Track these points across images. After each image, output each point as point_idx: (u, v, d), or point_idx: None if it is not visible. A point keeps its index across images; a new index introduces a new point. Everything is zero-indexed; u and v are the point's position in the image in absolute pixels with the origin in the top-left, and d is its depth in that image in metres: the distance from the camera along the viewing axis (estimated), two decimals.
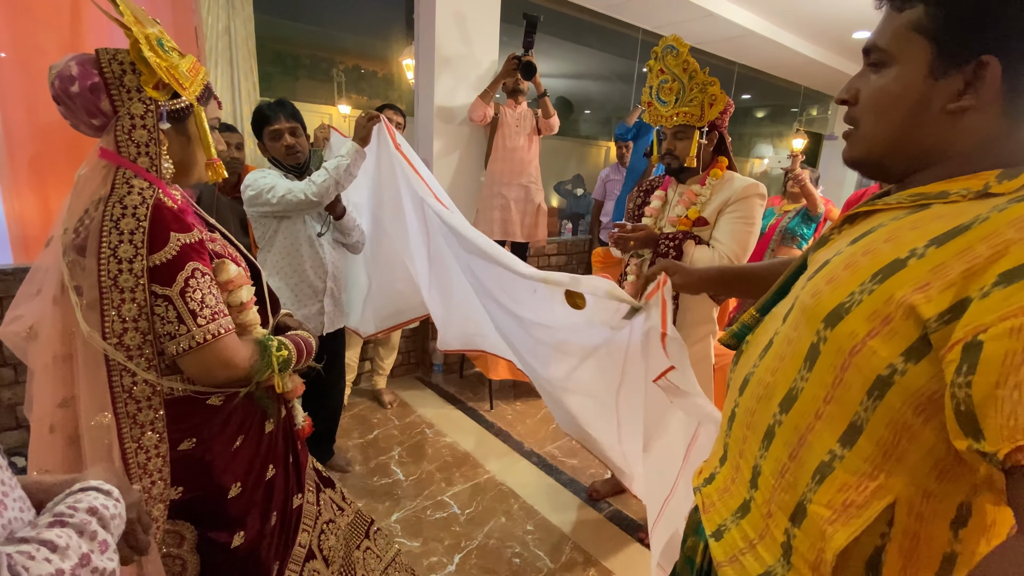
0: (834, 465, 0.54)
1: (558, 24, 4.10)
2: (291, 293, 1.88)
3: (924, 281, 0.48)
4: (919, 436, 0.50)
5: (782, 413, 0.60)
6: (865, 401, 0.52)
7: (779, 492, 0.60)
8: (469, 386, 3.17)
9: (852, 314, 0.53)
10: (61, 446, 0.83)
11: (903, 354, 0.49)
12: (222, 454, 0.94)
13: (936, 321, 0.47)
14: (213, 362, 0.87)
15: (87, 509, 0.50)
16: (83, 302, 0.79)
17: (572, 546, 1.88)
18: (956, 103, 0.53)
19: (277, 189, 1.72)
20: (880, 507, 0.51)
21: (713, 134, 1.68)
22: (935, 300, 0.47)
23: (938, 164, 0.56)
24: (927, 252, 0.49)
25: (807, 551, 0.56)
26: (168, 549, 0.91)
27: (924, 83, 0.54)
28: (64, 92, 0.81)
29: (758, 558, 0.61)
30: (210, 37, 2.42)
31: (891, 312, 0.50)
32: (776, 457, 0.61)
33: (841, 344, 0.53)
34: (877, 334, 0.50)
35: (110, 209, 0.79)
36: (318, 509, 1.18)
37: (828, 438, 0.55)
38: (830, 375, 0.55)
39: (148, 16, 0.86)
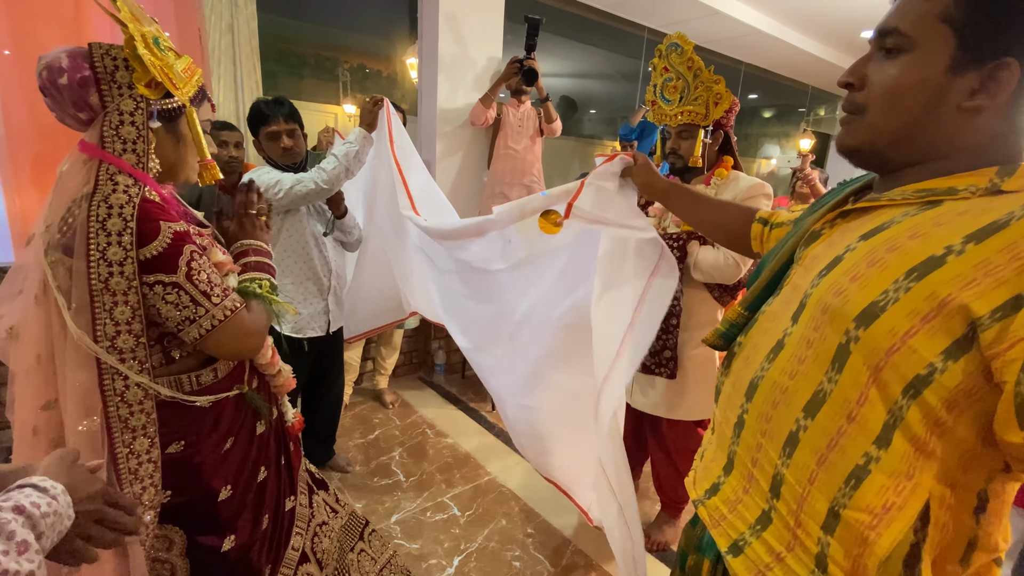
0: (870, 468, 0.53)
1: (563, 23, 4.08)
2: (297, 291, 1.86)
3: (970, 278, 0.48)
4: (951, 431, 0.51)
5: (807, 418, 0.58)
6: (900, 400, 0.52)
7: (809, 501, 0.58)
8: (471, 386, 3.16)
9: (889, 312, 0.52)
10: (44, 449, 0.81)
11: (943, 352, 0.49)
12: (212, 457, 0.92)
13: (989, 318, 0.46)
14: (239, 334, 0.88)
15: (13, 507, 0.48)
16: (71, 304, 0.78)
17: (573, 550, 1.86)
18: (971, 102, 0.53)
19: (284, 182, 1.69)
20: (919, 506, 0.52)
21: (718, 133, 1.65)
22: (987, 297, 0.47)
23: (938, 160, 0.56)
24: (966, 248, 0.49)
25: (843, 559, 0.55)
26: (157, 554, 0.90)
27: (944, 77, 0.53)
28: (51, 83, 0.80)
29: (788, 571, 0.59)
30: (213, 35, 2.41)
31: (933, 310, 0.49)
32: (802, 464, 0.59)
33: (878, 344, 0.52)
34: (917, 332, 0.50)
35: (95, 208, 0.78)
36: (311, 511, 1.16)
37: (863, 441, 0.54)
38: (864, 375, 0.54)
39: (147, 15, 0.85)
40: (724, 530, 0.67)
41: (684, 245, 1.63)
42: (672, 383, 1.70)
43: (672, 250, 1.63)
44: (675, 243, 1.63)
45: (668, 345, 1.66)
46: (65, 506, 0.53)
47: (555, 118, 2.95)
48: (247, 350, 0.93)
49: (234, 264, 0.98)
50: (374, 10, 3.87)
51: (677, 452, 1.81)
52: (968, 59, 0.52)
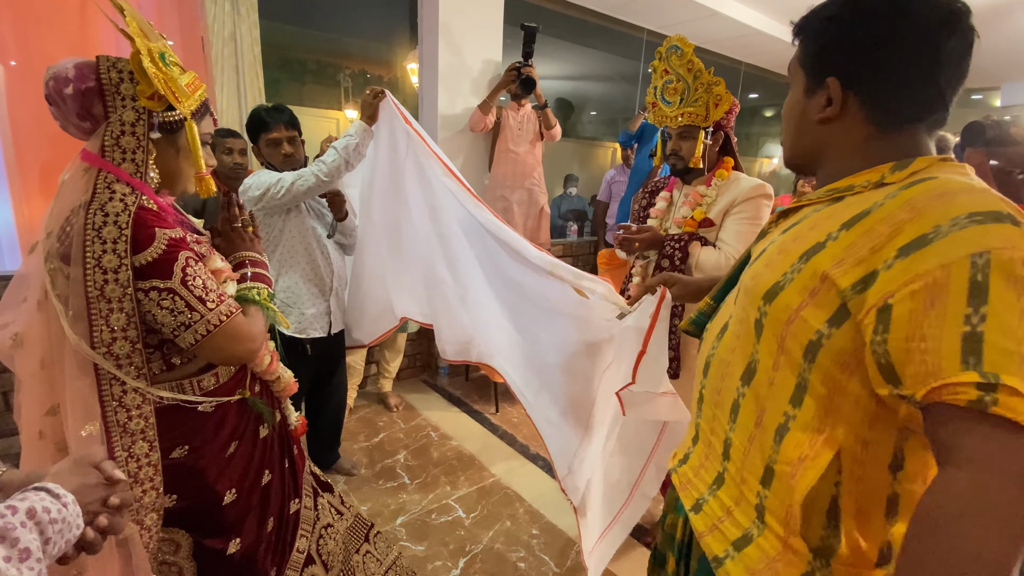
0: (789, 426, 0.62)
1: (562, 26, 4.09)
2: (301, 291, 1.87)
3: (840, 258, 0.57)
4: (846, 390, 0.58)
5: (744, 386, 0.68)
6: (803, 364, 0.60)
7: (749, 459, 0.67)
8: (475, 389, 3.16)
9: (785, 290, 0.62)
10: (51, 452, 0.83)
11: (828, 321, 0.58)
12: (215, 461, 0.93)
13: (851, 290, 0.55)
14: (234, 339, 0.89)
15: (26, 511, 0.49)
16: (69, 311, 0.79)
17: (578, 550, 1.86)
18: (821, 115, 0.66)
19: (284, 180, 1.70)
20: (829, 456, 0.59)
21: (718, 134, 1.65)
22: (849, 273, 0.56)
23: (829, 163, 0.68)
24: (839, 235, 0.59)
25: (778, 508, 0.63)
26: (164, 557, 0.91)
27: (803, 100, 0.69)
28: (57, 93, 0.81)
29: (735, 523, 0.68)
30: (216, 44, 2.44)
31: (816, 286, 0.59)
32: (744, 427, 0.68)
33: (778, 316, 0.63)
34: (807, 305, 0.60)
35: (91, 216, 0.79)
36: (316, 514, 1.17)
37: (782, 401, 0.63)
38: (774, 344, 0.64)
39: (156, 31, 0.87)
40: (690, 492, 0.76)
41: (686, 246, 1.63)
42: (675, 383, 1.70)
43: (674, 251, 1.64)
44: (677, 244, 1.64)
45: (671, 345, 1.66)
46: (74, 515, 0.54)
47: (554, 124, 2.96)
48: (244, 355, 0.93)
49: (233, 273, 1.00)
50: (375, 16, 3.90)
51: None
52: (813, 84, 0.67)
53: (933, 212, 0.52)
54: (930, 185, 0.56)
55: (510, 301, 1.80)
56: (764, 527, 0.65)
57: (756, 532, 0.65)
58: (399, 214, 1.98)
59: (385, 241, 2.05)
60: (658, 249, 1.68)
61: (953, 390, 0.47)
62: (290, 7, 3.41)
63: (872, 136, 0.64)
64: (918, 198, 0.55)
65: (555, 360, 1.71)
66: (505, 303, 1.82)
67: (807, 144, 0.70)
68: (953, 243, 0.50)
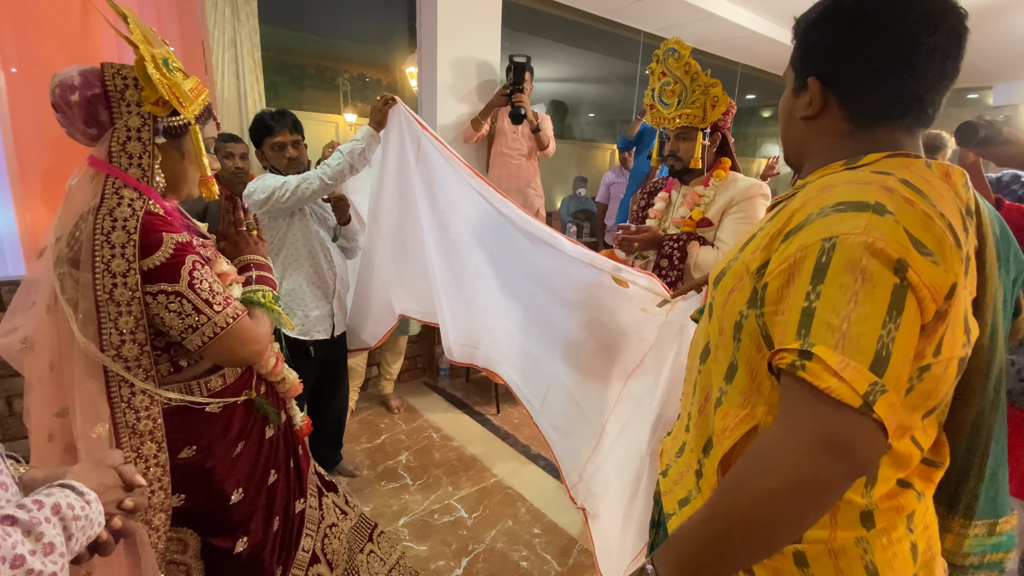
0: (722, 400, 0.67)
1: (559, 29, 4.11)
2: (304, 293, 1.89)
3: (756, 246, 0.63)
4: (761, 368, 0.62)
5: (701, 363, 0.74)
6: (733, 344, 0.65)
7: (697, 429, 0.73)
8: (476, 390, 3.17)
9: (726, 276, 0.68)
10: (60, 453, 0.84)
11: (747, 303, 0.63)
12: (223, 461, 0.94)
13: (756, 274, 0.61)
14: (240, 341, 0.90)
15: (52, 506, 0.50)
16: (78, 315, 0.80)
17: (580, 549, 1.87)
18: (804, 112, 0.69)
19: (289, 183, 1.72)
20: (744, 429, 0.63)
21: (716, 135, 1.67)
22: (757, 259, 0.62)
23: (810, 159, 0.72)
24: (765, 225, 0.65)
25: (710, 475, 0.68)
26: (172, 556, 0.92)
27: (792, 99, 0.72)
28: (63, 100, 0.83)
29: (683, 487, 0.75)
30: (216, 49, 2.45)
31: (741, 271, 0.64)
32: (697, 402, 0.74)
33: (720, 299, 0.68)
34: (736, 289, 0.65)
35: (100, 221, 0.81)
36: (321, 513, 1.18)
37: (718, 376, 0.68)
38: (716, 325, 0.69)
39: (158, 37, 0.88)
40: (664, 459, 0.84)
41: (684, 246, 1.65)
42: None
43: (673, 251, 1.65)
44: (675, 244, 1.65)
45: None
46: (96, 513, 0.56)
47: (547, 144, 2.99)
48: (250, 356, 0.95)
49: (238, 276, 1.01)
50: (373, 20, 3.91)
51: None
52: (799, 84, 0.70)
53: (815, 202, 0.58)
54: (824, 180, 0.62)
55: (530, 300, 1.79)
56: (698, 491, 0.71)
57: (695, 494, 0.71)
58: (406, 219, 1.98)
59: (391, 245, 2.06)
60: (657, 249, 1.70)
61: (781, 355, 0.53)
62: (289, 12, 3.43)
63: (847, 133, 0.67)
64: (811, 190, 0.61)
65: (571, 365, 1.70)
66: (522, 304, 1.82)
67: (794, 141, 0.74)
68: (814, 229, 0.55)
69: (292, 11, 3.47)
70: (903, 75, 0.62)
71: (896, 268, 0.50)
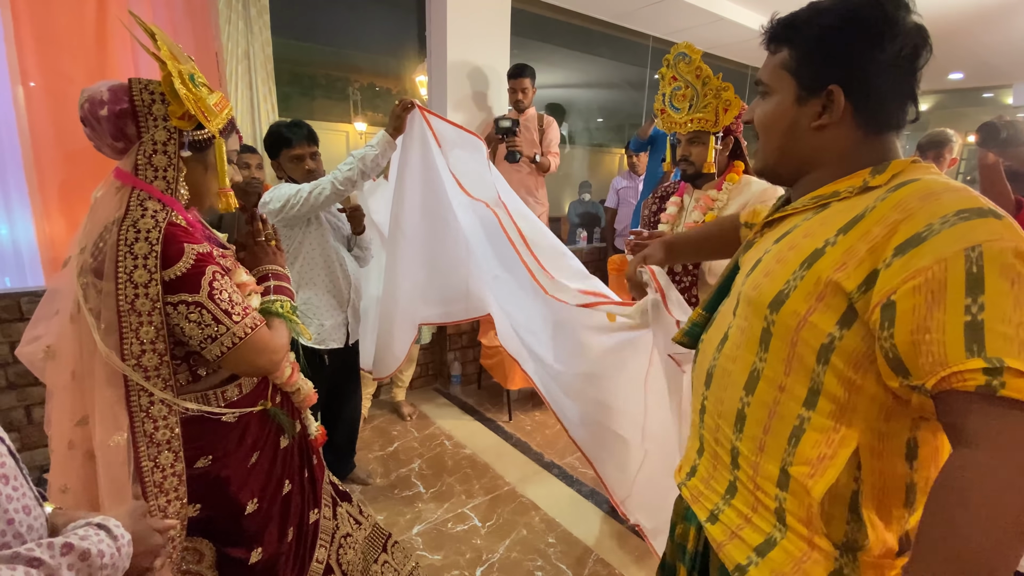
0: (804, 427, 0.63)
1: (568, 35, 4.12)
2: (320, 303, 1.89)
3: (841, 262, 0.60)
4: (862, 388, 0.60)
5: (748, 395, 0.69)
6: (816, 367, 0.62)
7: (762, 465, 0.67)
8: (487, 397, 3.16)
9: (791, 298, 0.64)
10: (81, 461, 0.84)
11: (837, 323, 0.60)
12: (238, 471, 0.95)
13: (857, 292, 0.58)
14: (258, 351, 0.91)
15: (80, 553, 0.50)
16: (101, 325, 0.81)
17: (595, 559, 1.85)
18: (817, 122, 0.68)
19: (302, 191, 1.73)
20: (847, 453, 0.61)
21: (728, 139, 1.66)
22: (852, 275, 0.58)
23: (817, 169, 0.70)
24: (838, 240, 0.62)
25: (797, 509, 0.64)
26: (188, 566, 0.92)
27: (793, 108, 0.69)
28: (92, 114, 0.84)
29: (756, 529, 0.68)
30: (230, 62, 2.49)
31: (822, 291, 0.61)
32: (751, 436, 0.69)
33: (788, 323, 0.64)
34: (814, 311, 0.62)
35: (124, 232, 0.82)
36: (335, 523, 1.18)
37: (794, 405, 0.64)
38: (785, 351, 0.65)
39: (183, 53, 0.90)
40: (702, 504, 0.76)
41: None
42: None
43: None
44: None
45: None
46: (125, 558, 0.56)
47: (548, 167, 2.99)
48: (267, 366, 0.95)
49: (257, 286, 1.02)
50: (383, 29, 3.95)
51: None
52: (807, 92, 0.68)
53: (923, 211, 0.56)
54: (916, 186, 0.59)
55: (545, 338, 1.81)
56: (787, 530, 0.65)
57: (779, 535, 0.66)
58: (435, 215, 1.90)
59: (416, 249, 1.96)
60: None
61: (961, 377, 0.50)
62: (301, 23, 3.47)
63: (859, 141, 0.67)
64: (907, 199, 0.58)
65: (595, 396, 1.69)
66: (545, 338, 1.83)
67: (798, 153, 0.72)
68: (946, 239, 0.53)
69: (303, 23, 3.51)
70: (911, 84, 0.65)
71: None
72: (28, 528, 0.51)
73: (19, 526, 0.49)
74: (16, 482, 0.51)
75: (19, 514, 0.50)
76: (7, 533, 0.48)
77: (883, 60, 0.63)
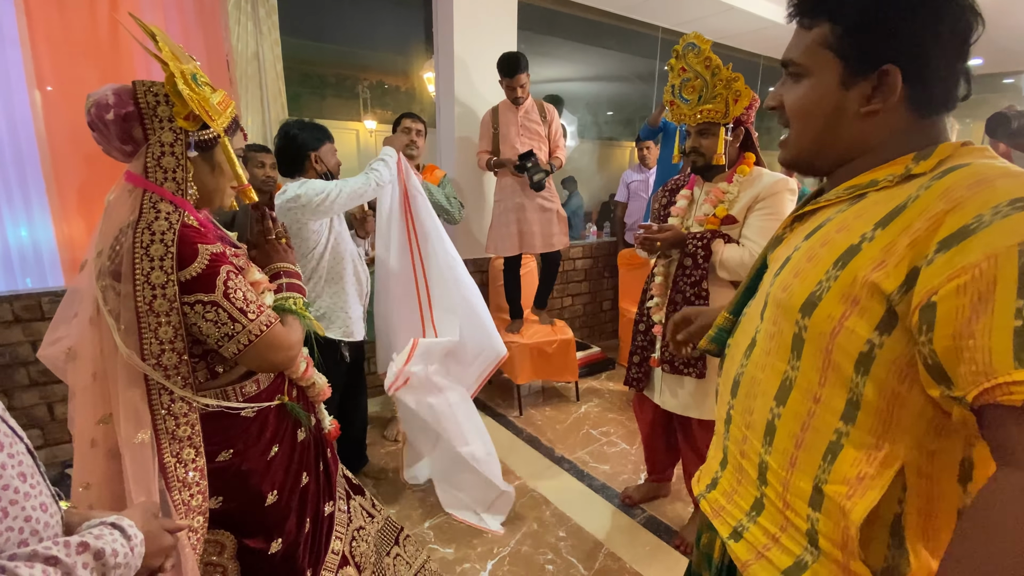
0: (842, 443, 0.57)
1: (576, 28, 4.10)
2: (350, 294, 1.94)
3: (880, 260, 0.53)
4: (908, 401, 0.54)
5: (779, 406, 0.63)
6: (855, 378, 0.55)
7: (794, 482, 0.61)
8: (498, 392, 3.18)
9: (825, 300, 0.57)
10: (103, 459, 0.87)
11: (876, 328, 0.54)
12: (258, 463, 0.97)
13: (897, 293, 0.51)
14: (273, 348, 0.92)
15: (95, 552, 0.52)
16: (120, 326, 0.83)
17: (606, 553, 1.86)
18: (867, 107, 0.59)
19: (342, 186, 1.78)
20: (891, 473, 0.54)
21: (739, 130, 1.64)
22: (892, 275, 0.52)
23: (859, 158, 0.62)
24: (876, 235, 0.55)
25: (832, 531, 0.57)
26: (209, 558, 0.95)
27: (838, 91, 0.61)
28: (99, 119, 0.85)
29: (784, 550, 0.62)
30: (240, 63, 2.52)
31: (857, 292, 0.54)
32: (782, 449, 0.62)
33: (822, 328, 0.57)
34: (851, 314, 0.55)
35: (139, 235, 0.83)
36: (348, 516, 1.20)
37: (831, 419, 0.58)
38: (819, 358, 0.58)
39: (185, 53, 0.90)
40: (724, 519, 0.71)
41: (708, 244, 1.62)
42: (701, 383, 1.69)
43: (696, 249, 1.63)
44: (699, 242, 1.63)
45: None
46: (137, 556, 0.58)
47: (561, 165, 2.84)
48: (283, 362, 0.97)
49: (270, 284, 1.03)
50: (391, 28, 3.96)
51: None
52: (854, 73, 0.59)
53: (973, 201, 0.49)
54: (965, 172, 0.52)
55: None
56: (819, 553, 0.59)
57: (810, 559, 0.59)
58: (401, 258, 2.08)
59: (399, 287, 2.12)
60: (680, 248, 1.67)
61: (1007, 389, 0.44)
62: (309, 23, 3.50)
63: (909, 126, 0.59)
64: (955, 187, 0.51)
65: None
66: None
67: (840, 142, 0.63)
68: (998, 232, 0.46)
69: (312, 23, 3.54)
70: (964, 60, 0.58)
71: None
72: (45, 525, 0.52)
73: (36, 523, 0.51)
74: (33, 480, 0.52)
75: (37, 511, 0.51)
76: (25, 530, 0.50)
77: (943, 33, 0.56)
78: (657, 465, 2.09)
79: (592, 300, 3.98)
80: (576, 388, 3.09)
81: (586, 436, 2.66)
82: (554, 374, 2.92)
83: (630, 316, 2.64)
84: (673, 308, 1.69)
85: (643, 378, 1.86)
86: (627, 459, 2.46)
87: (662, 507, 2.10)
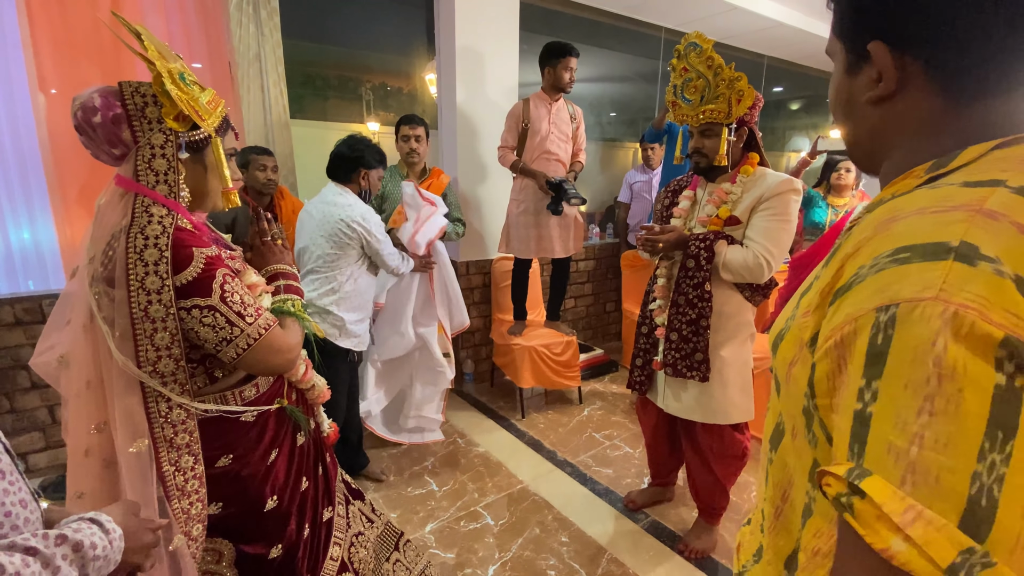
0: (812, 508, 0.47)
1: (577, 28, 4.08)
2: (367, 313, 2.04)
3: (808, 304, 0.45)
4: None
5: (772, 450, 0.54)
6: (808, 434, 0.46)
7: (776, 537, 0.53)
8: (500, 395, 3.16)
9: (784, 340, 0.49)
10: (98, 469, 0.85)
11: (808, 381, 0.44)
12: (258, 469, 0.96)
13: (809, 346, 0.43)
14: (273, 351, 0.91)
15: (73, 544, 0.52)
16: (115, 333, 0.82)
17: (609, 558, 1.84)
18: (874, 92, 0.48)
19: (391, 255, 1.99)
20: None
21: (742, 130, 1.62)
22: (808, 324, 0.44)
23: (890, 153, 0.51)
24: (821, 272, 0.46)
25: None
26: (208, 567, 0.94)
27: (845, 79, 0.52)
28: (86, 122, 0.83)
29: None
30: (241, 64, 2.52)
31: (799, 338, 0.46)
32: (771, 499, 0.54)
33: (781, 371, 0.50)
34: (797, 362, 0.46)
35: (132, 240, 0.82)
36: (347, 521, 1.19)
37: (801, 477, 0.48)
38: (789, 405, 0.49)
39: (171, 51, 0.88)
40: (740, 556, 0.66)
41: (711, 245, 1.60)
42: (705, 386, 1.67)
43: (699, 251, 1.61)
44: (702, 243, 1.61)
45: (699, 347, 1.63)
46: (116, 551, 0.58)
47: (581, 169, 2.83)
48: (282, 365, 0.96)
49: (267, 286, 1.02)
50: (393, 29, 3.96)
51: (713, 456, 1.77)
52: (855, 57, 0.50)
53: (869, 245, 0.40)
54: (896, 204, 0.43)
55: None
56: None
57: None
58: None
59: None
60: (683, 249, 1.65)
61: (828, 480, 0.36)
62: (311, 25, 3.50)
63: (939, 114, 0.46)
64: (870, 224, 0.42)
65: None
66: None
67: (861, 136, 0.54)
68: (865, 291, 0.38)
69: (314, 24, 3.54)
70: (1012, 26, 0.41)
71: (1001, 356, 0.32)
72: (25, 521, 0.53)
73: (16, 519, 0.52)
74: (12, 477, 0.54)
75: (16, 507, 0.53)
76: (4, 525, 0.51)
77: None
78: (661, 469, 2.07)
79: (595, 302, 3.96)
80: (579, 391, 3.08)
81: (589, 439, 2.64)
82: (555, 379, 2.90)
83: (633, 318, 2.62)
84: (676, 310, 1.67)
85: (646, 381, 1.84)
86: (630, 463, 2.44)
87: (666, 512, 2.08)
